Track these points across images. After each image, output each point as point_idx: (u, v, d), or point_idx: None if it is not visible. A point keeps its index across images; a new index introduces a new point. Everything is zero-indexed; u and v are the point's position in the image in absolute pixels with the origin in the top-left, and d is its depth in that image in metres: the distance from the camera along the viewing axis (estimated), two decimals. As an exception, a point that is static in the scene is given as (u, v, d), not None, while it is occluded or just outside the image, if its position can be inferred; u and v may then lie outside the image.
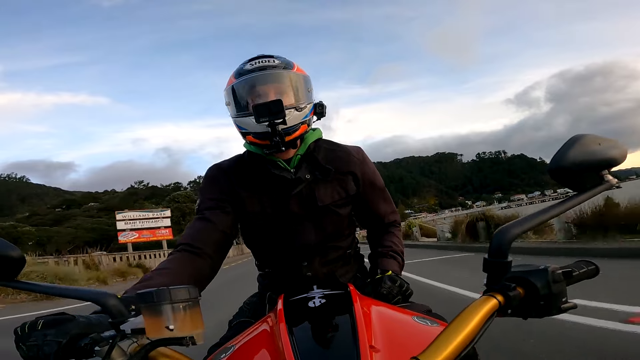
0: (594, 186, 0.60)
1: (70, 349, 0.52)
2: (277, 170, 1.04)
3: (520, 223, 0.56)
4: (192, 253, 0.92)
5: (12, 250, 0.59)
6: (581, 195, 0.60)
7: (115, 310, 0.54)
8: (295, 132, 1.01)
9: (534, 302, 0.52)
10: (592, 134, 0.60)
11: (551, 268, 0.53)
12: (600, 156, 0.59)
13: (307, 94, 1.06)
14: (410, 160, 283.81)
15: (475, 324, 0.49)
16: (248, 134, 1.03)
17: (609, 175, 0.60)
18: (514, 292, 0.52)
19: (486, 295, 0.53)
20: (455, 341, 0.47)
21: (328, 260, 1.08)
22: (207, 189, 1.08)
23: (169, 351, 0.54)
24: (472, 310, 0.51)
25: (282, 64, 1.04)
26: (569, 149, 0.58)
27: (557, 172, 0.58)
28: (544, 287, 0.52)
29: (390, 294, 0.96)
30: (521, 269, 0.54)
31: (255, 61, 1.03)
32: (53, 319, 0.54)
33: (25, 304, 8.66)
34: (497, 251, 0.55)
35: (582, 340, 2.45)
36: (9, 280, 0.60)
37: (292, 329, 0.67)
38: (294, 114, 1.00)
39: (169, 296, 0.47)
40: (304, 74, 1.08)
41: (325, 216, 1.06)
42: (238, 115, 1.03)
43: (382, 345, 0.61)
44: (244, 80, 1.02)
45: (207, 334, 0.53)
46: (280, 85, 1.02)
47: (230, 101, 1.05)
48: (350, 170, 1.10)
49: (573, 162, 0.57)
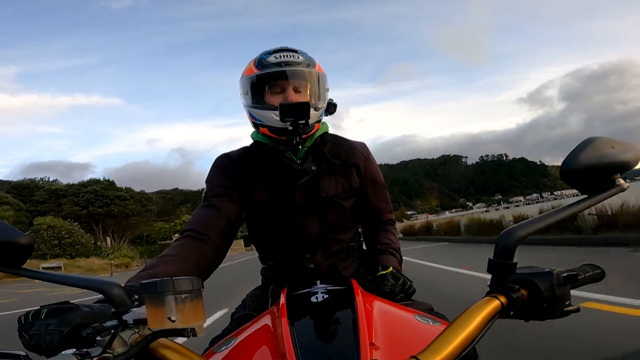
0: (605, 190, 0.59)
1: (72, 339, 0.52)
2: (285, 161, 1.05)
3: (527, 225, 0.56)
4: (197, 239, 0.92)
5: (21, 237, 0.60)
6: (591, 198, 0.59)
7: (118, 299, 0.54)
8: (312, 131, 1.03)
9: (537, 304, 0.52)
10: (605, 137, 0.59)
11: (556, 271, 0.52)
12: (613, 159, 0.58)
13: (324, 93, 1.07)
14: (416, 162, 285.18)
15: (476, 324, 0.49)
16: (263, 126, 1.03)
17: (620, 179, 0.59)
18: (517, 293, 0.52)
19: (489, 296, 0.53)
20: (456, 341, 0.47)
21: (330, 253, 1.09)
22: (215, 176, 1.08)
23: (170, 342, 0.55)
24: (474, 310, 0.51)
25: (306, 60, 1.03)
26: (581, 151, 0.57)
27: (568, 175, 0.57)
28: (548, 290, 0.51)
29: (392, 292, 0.96)
30: (526, 271, 0.54)
31: (279, 54, 1.02)
32: (56, 308, 0.54)
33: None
34: (502, 252, 0.54)
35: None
36: (17, 268, 0.61)
37: (293, 323, 0.67)
38: (313, 113, 1.00)
39: (173, 287, 0.47)
40: (323, 72, 1.08)
41: (328, 208, 1.06)
42: (255, 107, 1.03)
43: (382, 343, 0.61)
44: (266, 73, 1.01)
45: (213, 325, 0.53)
46: (303, 83, 1.02)
47: (248, 91, 1.04)
48: (354, 162, 1.11)
49: (585, 164, 0.56)
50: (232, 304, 1.34)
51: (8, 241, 0.59)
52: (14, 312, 6.82)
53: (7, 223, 0.61)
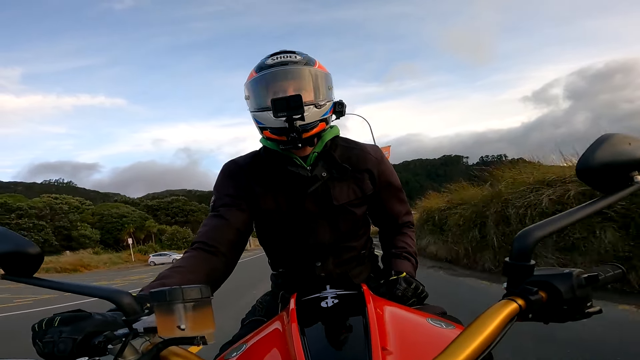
0: (622, 188, 0.57)
1: (85, 346, 0.52)
2: (294, 168, 1.02)
3: (544, 226, 0.54)
4: (206, 252, 0.92)
5: (30, 247, 0.60)
6: (609, 197, 0.57)
7: (129, 308, 0.54)
8: (313, 130, 1.00)
9: (557, 306, 0.51)
10: (621, 133, 0.57)
11: (576, 272, 0.51)
12: (630, 156, 0.56)
13: (327, 91, 1.04)
14: (418, 162, 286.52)
15: (493, 328, 0.48)
16: (265, 129, 1.01)
17: (639, 176, 0.57)
18: (536, 296, 0.50)
19: (506, 299, 0.51)
20: (472, 345, 0.46)
21: (342, 261, 1.07)
22: (223, 185, 1.07)
23: (180, 350, 0.54)
24: (490, 313, 0.49)
25: (303, 59, 1.02)
26: (597, 148, 0.55)
27: (584, 173, 0.55)
28: (568, 292, 0.50)
29: (405, 296, 0.94)
30: (544, 273, 0.52)
31: (276, 56, 1.02)
32: (69, 315, 0.54)
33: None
34: (519, 254, 0.53)
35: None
36: (28, 277, 0.61)
37: (303, 328, 0.66)
38: (313, 110, 0.98)
39: (182, 295, 0.47)
40: (325, 71, 1.06)
41: (340, 215, 1.04)
42: (257, 110, 1.02)
43: (394, 348, 0.59)
44: (264, 75, 1.01)
45: (223, 331, 0.52)
46: (301, 81, 1.00)
47: (250, 95, 1.04)
48: (367, 168, 1.07)
49: (601, 162, 0.54)
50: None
51: (19, 251, 0.59)
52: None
53: (17, 233, 0.61)
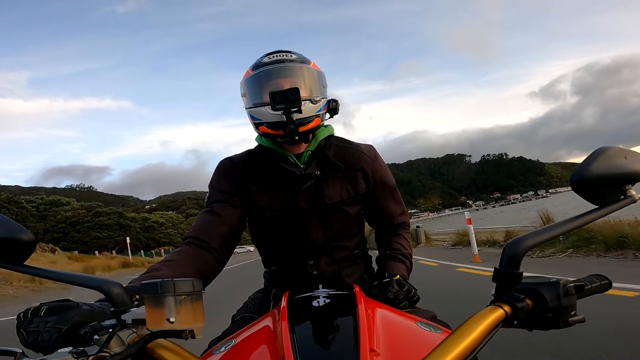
0: (615, 201, 0.58)
1: (70, 337, 0.52)
2: (287, 165, 1.03)
3: (535, 235, 0.55)
4: (198, 247, 0.92)
5: (24, 233, 0.59)
6: (601, 209, 0.58)
7: (118, 299, 0.54)
8: (309, 124, 1.01)
9: (542, 314, 0.52)
10: (619, 147, 0.58)
11: (563, 281, 0.52)
12: (625, 170, 0.57)
13: (322, 89, 1.06)
14: (422, 162, 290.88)
15: (479, 333, 0.49)
16: (262, 125, 1.02)
17: (632, 190, 0.58)
18: (522, 303, 0.51)
19: (493, 305, 0.52)
20: (458, 349, 0.47)
21: (334, 260, 1.07)
22: (217, 181, 1.08)
23: (168, 343, 0.54)
24: (477, 319, 0.50)
25: (298, 58, 1.05)
26: (592, 161, 0.56)
27: (578, 185, 0.56)
28: (554, 300, 0.51)
29: (396, 299, 0.95)
30: (532, 281, 0.53)
31: (272, 55, 1.05)
32: (56, 305, 0.54)
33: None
34: (508, 262, 0.53)
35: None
36: (18, 265, 0.61)
37: (293, 327, 0.67)
38: (309, 105, 1.00)
39: (174, 288, 0.46)
40: (320, 70, 1.08)
41: (333, 214, 1.05)
42: (253, 106, 1.03)
43: (383, 349, 0.60)
44: (260, 72, 1.02)
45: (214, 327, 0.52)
46: (296, 78, 1.02)
47: (247, 92, 1.05)
48: (360, 167, 1.08)
49: (596, 174, 0.55)
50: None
51: (11, 237, 0.58)
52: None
53: (10, 219, 0.60)
